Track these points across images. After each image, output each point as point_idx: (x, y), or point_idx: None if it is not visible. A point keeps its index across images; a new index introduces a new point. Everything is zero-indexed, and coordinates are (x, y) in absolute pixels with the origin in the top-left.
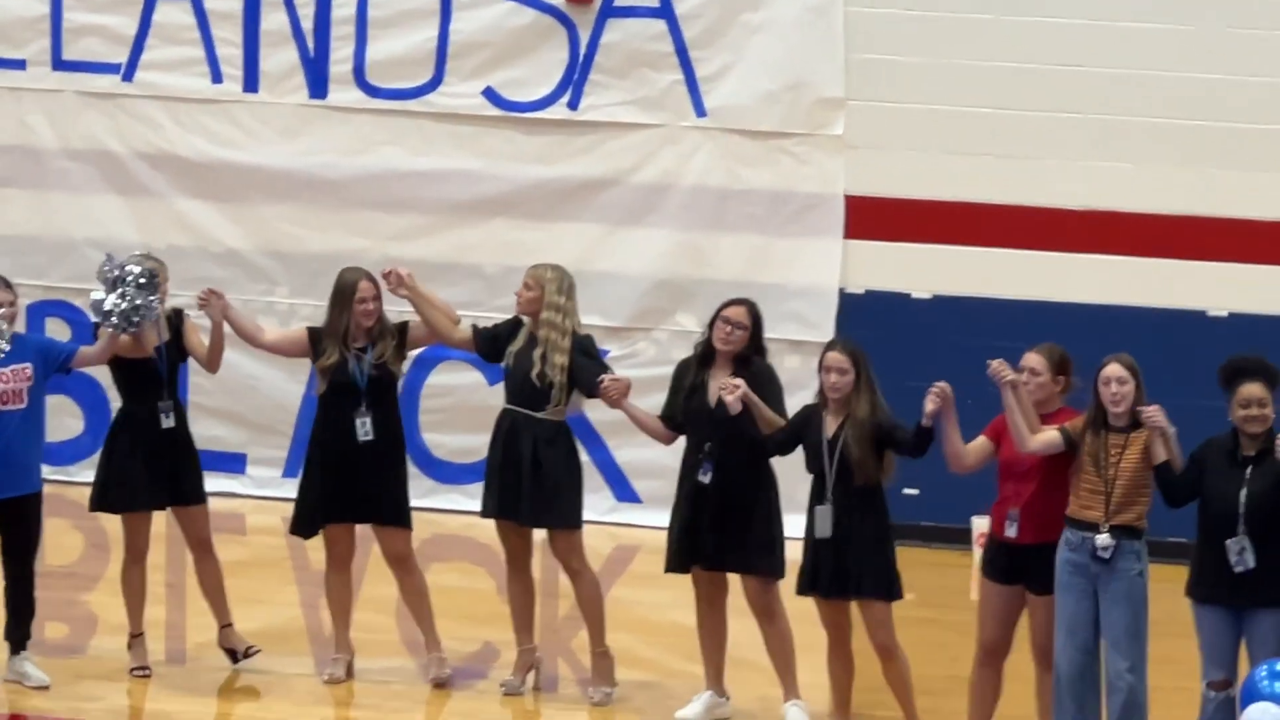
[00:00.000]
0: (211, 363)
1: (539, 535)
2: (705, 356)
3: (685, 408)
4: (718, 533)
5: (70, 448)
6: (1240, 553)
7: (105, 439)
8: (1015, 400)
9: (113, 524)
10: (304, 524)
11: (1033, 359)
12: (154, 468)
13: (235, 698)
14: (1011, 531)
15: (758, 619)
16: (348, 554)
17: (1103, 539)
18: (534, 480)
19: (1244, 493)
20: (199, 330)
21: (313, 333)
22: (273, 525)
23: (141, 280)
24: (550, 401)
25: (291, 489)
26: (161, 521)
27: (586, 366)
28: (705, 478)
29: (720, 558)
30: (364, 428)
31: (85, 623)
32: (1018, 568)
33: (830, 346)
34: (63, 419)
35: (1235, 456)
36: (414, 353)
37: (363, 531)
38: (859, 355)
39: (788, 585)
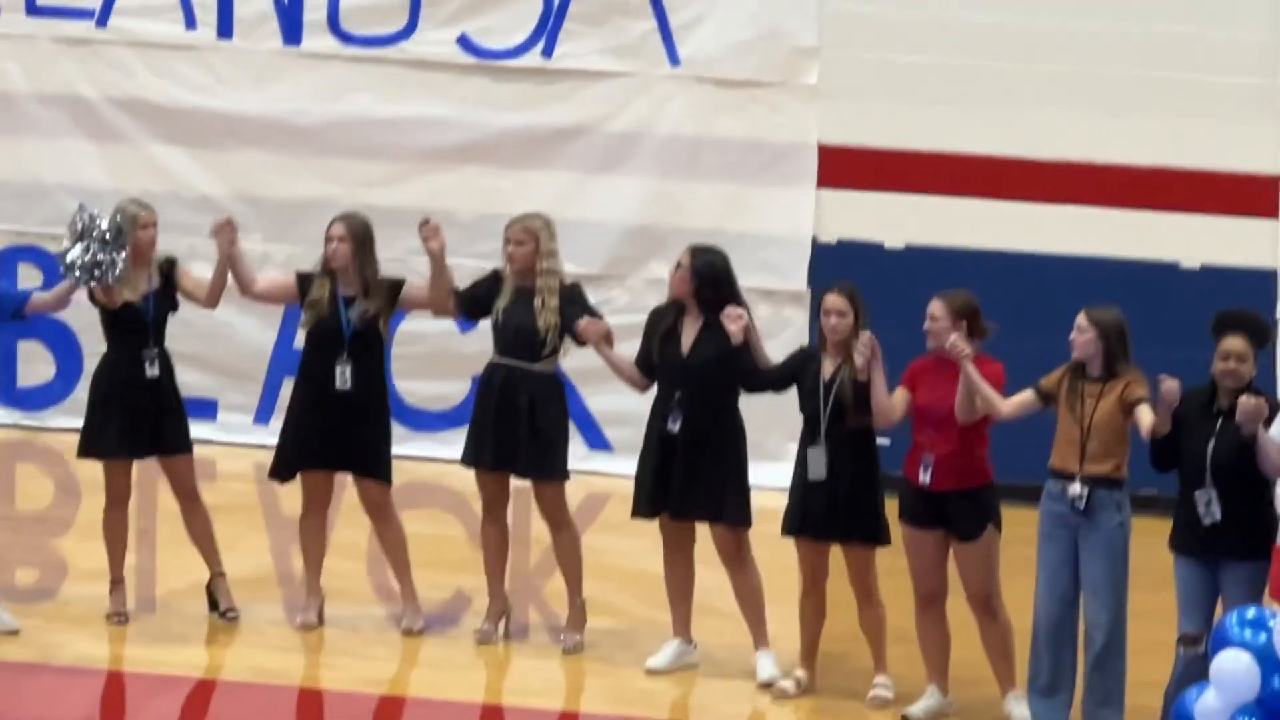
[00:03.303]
0: (212, 297)
1: (515, 483)
2: (680, 304)
3: (658, 355)
4: (685, 481)
5: (41, 393)
6: (1207, 504)
7: (91, 384)
8: (974, 372)
9: (84, 470)
10: (280, 467)
11: (933, 305)
12: (135, 416)
13: (207, 644)
14: (925, 478)
15: (727, 567)
16: (324, 500)
17: (1075, 489)
18: (531, 433)
19: (1212, 444)
20: (191, 274)
21: (301, 277)
22: (244, 471)
23: (108, 235)
24: (546, 352)
25: (263, 435)
26: (144, 469)
27: (578, 315)
28: (674, 426)
29: (687, 507)
30: (342, 376)
31: (56, 568)
32: (935, 514)
33: (828, 289)
34: (34, 365)
35: (1210, 408)
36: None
37: (340, 478)
38: (857, 298)
39: (761, 533)
